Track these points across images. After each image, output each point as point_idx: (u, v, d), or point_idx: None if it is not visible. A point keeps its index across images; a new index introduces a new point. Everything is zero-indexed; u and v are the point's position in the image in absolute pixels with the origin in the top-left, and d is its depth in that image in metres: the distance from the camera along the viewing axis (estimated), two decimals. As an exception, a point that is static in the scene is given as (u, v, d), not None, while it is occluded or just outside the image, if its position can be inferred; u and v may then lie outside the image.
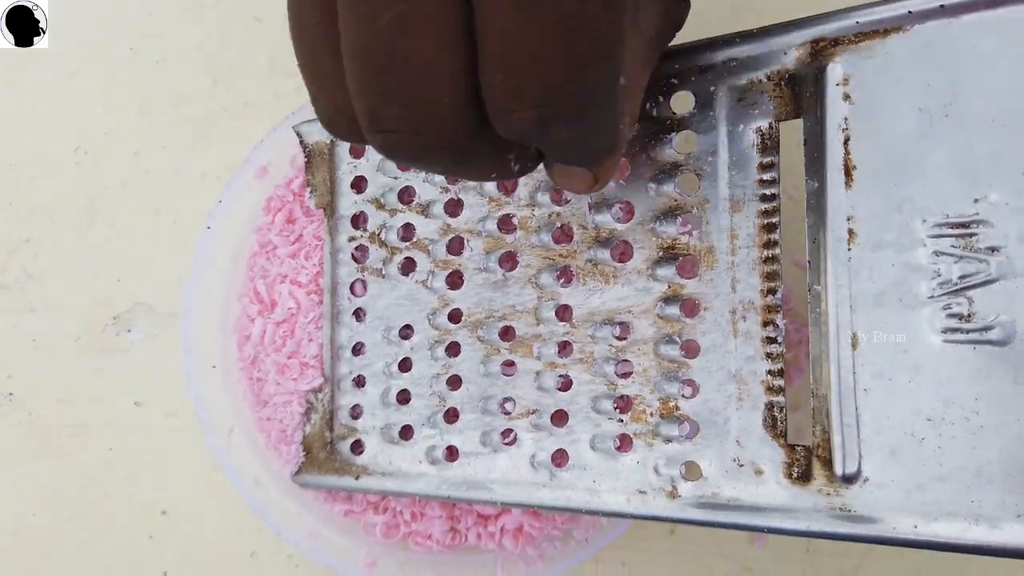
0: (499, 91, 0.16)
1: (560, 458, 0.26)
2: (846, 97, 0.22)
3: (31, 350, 0.39)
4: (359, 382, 0.31)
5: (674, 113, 0.24)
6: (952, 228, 0.20)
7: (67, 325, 0.39)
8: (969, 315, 0.20)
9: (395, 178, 0.30)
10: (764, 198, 0.23)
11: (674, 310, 0.24)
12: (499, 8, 0.15)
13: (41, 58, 0.40)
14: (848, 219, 0.21)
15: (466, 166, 0.19)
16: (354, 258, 0.31)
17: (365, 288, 0.31)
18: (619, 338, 0.25)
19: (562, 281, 0.26)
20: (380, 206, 0.31)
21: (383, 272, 0.30)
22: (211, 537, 0.37)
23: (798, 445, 0.23)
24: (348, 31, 0.16)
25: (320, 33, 0.17)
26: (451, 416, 0.29)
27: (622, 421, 0.25)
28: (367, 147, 0.31)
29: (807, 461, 0.22)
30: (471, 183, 0.28)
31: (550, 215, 0.26)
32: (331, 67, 0.17)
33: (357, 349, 0.31)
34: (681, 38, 0.24)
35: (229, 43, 0.39)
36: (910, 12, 0.21)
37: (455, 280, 0.29)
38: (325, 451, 0.32)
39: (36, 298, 0.39)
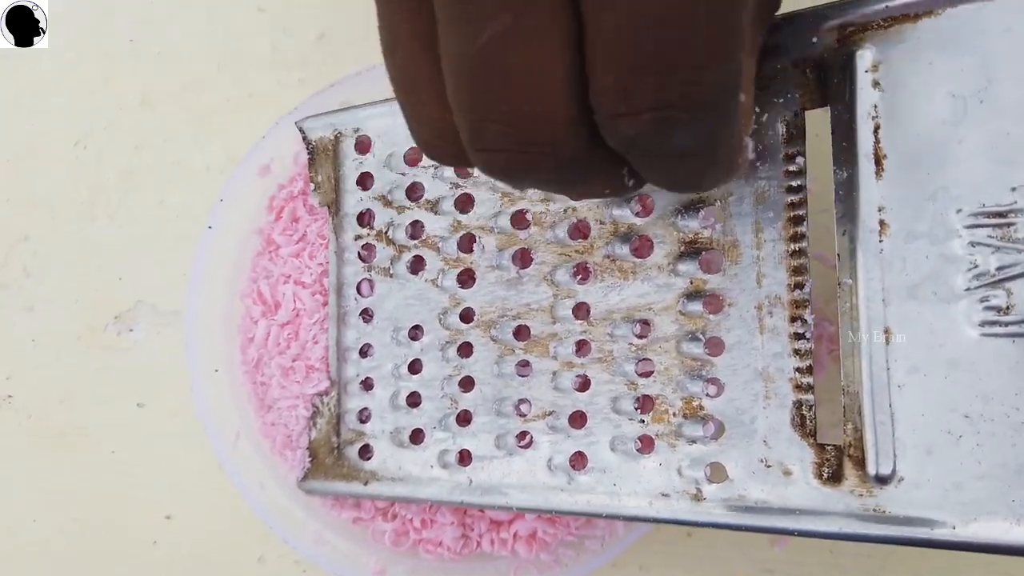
0: (610, 95, 0.15)
1: (578, 461, 0.26)
2: (876, 84, 0.21)
3: (31, 350, 0.38)
4: (367, 385, 0.30)
5: (694, 103, 0.23)
6: (988, 217, 0.20)
7: (67, 324, 0.38)
8: (1008, 307, 0.20)
9: (402, 174, 0.29)
10: (790, 190, 0.22)
11: (697, 306, 0.23)
12: (612, 8, 0.14)
13: (40, 49, 0.39)
14: (879, 210, 0.21)
15: (578, 183, 0.18)
16: (360, 257, 0.30)
17: (372, 288, 0.30)
18: (639, 336, 0.24)
19: (579, 278, 0.26)
20: (387, 203, 0.30)
21: (391, 271, 0.30)
22: (217, 541, 0.36)
23: (828, 444, 0.22)
24: (449, 47, 0.15)
25: (416, 49, 0.16)
26: (463, 419, 0.28)
27: (643, 422, 0.24)
28: (372, 143, 0.30)
29: (838, 461, 0.22)
30: (482, 178, 0.27)
31: (565, 210, 0.26)
32: (428, 85, 0.16)
33: (364, 351, 0.30)
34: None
35: (231, 33, 0.38)
36: (942, -6, 0.20)
37: (466, 279, 0.28)
38: (332, 456, 0.31)
39: (35, 296, 0.38)
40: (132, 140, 0.38)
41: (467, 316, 0.28)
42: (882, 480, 0.21)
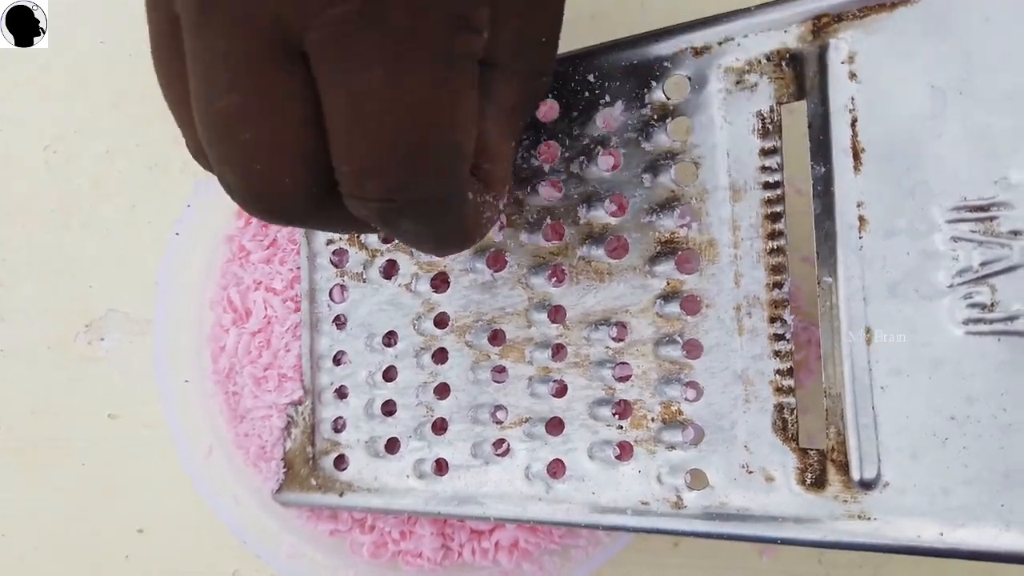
0: (345, 179, 0.17)
1: (556, 469, 0.25)
2: (852, 76, 0.20)
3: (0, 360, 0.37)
4: (341, 393, 0.29)
5: (668, 98, 0.23)
6: (971, 212, 0.19)
7: (37, 333, 0.37)
8: (992, 304, 0.19)
9: (374, 177, 0.29)
10: (767, 186, 0.21)
11: (674, 308, 0.23)
12: (339, 111, 0.16)
13: (4, 54, 0.38)
14: (858, 205, 0.20)
15: (320, 227, 0.20)
16: (332, 262, 0.30)
17: (345, 293, 0.29)
18: (616, 339, 0.24)
19: (554, 281, 0.25)
20: (359, 207, 0.29)
21: (364, 276, 0.29)
22: (191, 556, 0.36)
23: (811, 449, 0.21)
24: (192, 101, 0.17)
25: (178, 86, 0.18)
26: (439, 427, 0.27)
27: (621, 428, 0.24)
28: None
29: (821, 466, 0.21)
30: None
31: (539, 211, 0.25)
32: (188, 114, 0.18)
33: (338, 358, 0.30)
34: (673, 18, 0.23)
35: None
36: (919, -18, 0.19)
37: (440, 283, 0.27)
38: (307, 467, 0.30)
39: (5, 306, 0.37)
40: (103, 144, 0.37)
41: (441, 321, 0.27)
42: (866, 485, 0.20)
